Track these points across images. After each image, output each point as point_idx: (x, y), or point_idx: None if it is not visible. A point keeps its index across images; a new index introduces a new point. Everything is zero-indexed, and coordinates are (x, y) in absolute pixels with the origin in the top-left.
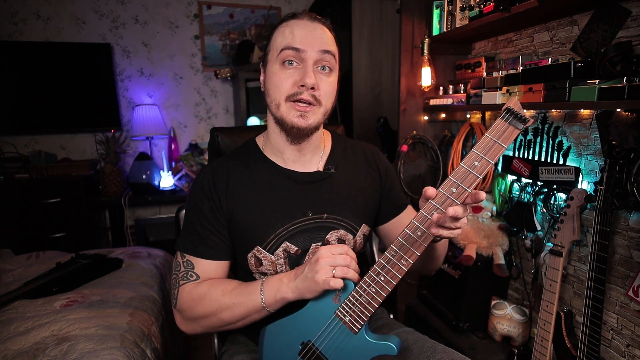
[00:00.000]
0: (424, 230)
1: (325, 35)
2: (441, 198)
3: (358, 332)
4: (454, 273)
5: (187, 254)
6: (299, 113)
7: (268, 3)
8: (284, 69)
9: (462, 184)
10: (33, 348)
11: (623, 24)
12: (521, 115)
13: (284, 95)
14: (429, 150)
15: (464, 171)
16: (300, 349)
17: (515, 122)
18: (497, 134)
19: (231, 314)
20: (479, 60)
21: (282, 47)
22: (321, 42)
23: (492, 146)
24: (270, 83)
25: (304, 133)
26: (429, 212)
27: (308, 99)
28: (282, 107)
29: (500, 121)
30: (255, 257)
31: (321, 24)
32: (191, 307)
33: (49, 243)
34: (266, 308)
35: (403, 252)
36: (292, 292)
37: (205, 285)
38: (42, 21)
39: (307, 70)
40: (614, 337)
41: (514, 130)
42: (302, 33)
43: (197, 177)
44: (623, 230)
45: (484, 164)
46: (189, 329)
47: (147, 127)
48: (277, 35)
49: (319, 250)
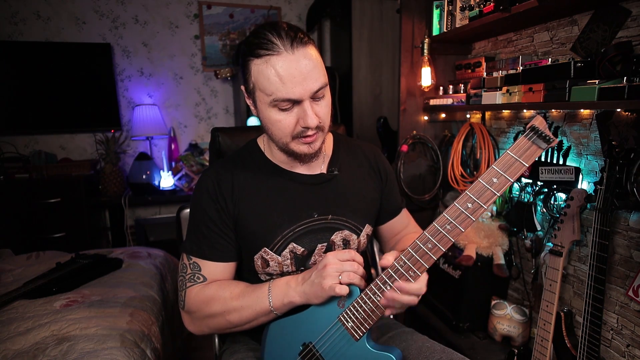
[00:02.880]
0: (435, 243)
1: (311, 64)
2: (455, 212)
3: (359, 339)
4: (454, 273)
5: (194, 256)
6: (307, 145)
7: (268, 3)
8: (282, 112)
9: (478, 200)
10: (33, 348)
11: (623, 24)
12: (546, 135)
13: (288, 135)
14: (429, 150)
15: (482, 187)
16: (301, 349)
17: (539, 142)
18: (519, 152)
19: (239, 316)
20: (479, 60)
21: (273, 97)
22: (314, 81)
23: (513, 164)
24: (270, 125)
25: (314, 156)
26: (441, 225)
27: (314, 133)
28: (291, 145)
29: (524, 139)
30: (262, 259)
31: (302, 46)
32: (200, 309)
33: (49, 243)
34: (274, 311)
35: (412, 263)
36: (299, 296)
37: (213, 288)
38: (42, 21)
39: (307, 113)
40: (614, 337)
41: (536, 150)
42: (290, 77)
43: (200, 180)
44: (623, 230)
45: (503, 181)
46: (197, 330)
47: (147, 127)
48: (260, 76)
49: (326, 256)
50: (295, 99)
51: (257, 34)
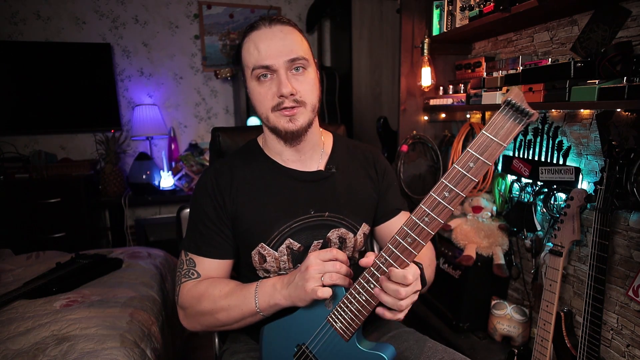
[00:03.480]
0: (414, 237)
1: (288, 38)
2: (433, 203)
3: (349, 339)
4: (454, 273)
5: (190, 252)
6: (287, 118)
7: (268, 3)
8: (261, 84)
9: (455, 188)
10: (33, 348)
11: (623, 24)
12: (523, 109)
13: (268, 108)
14: (429, 150)
15: (458, 173)
16: (295, 350)
17: (517, 117)
18: (494, 130)
19: (227, 315)
20: (479, 60)
21: (252, 66)
22: (286, 51)
23: (490, 145)
24: (254, 99)
25: (297, 135)
26: (419, 218)
27: (291, 105)
28: (271, 118)
29: (500, 115)
30: (259, 254)
31: (280, 24)
32: (191, 305)
33: (49, 243)
34: (260, 313)
35: (393, 259)
36: (284, 299)
37: (204, 285)
38: (42, 21)
39: (281, 80)
40: (614, 337)
41: (515, 126)
42: (265, 46)
43: (200, 179)
44: (623, 230)
45: (481, 165)
46: (190, 326)
47: (147, 127)
48: (244, 52)
49: (308, 257)
50: (268, 65)
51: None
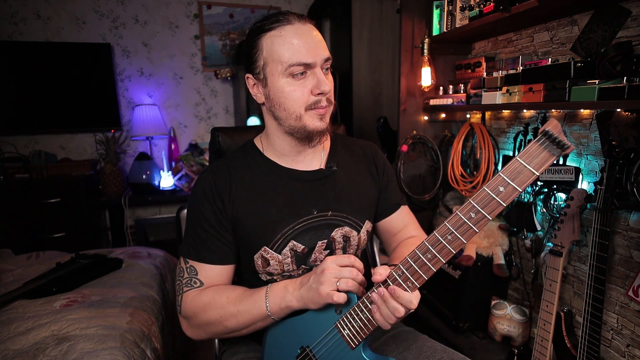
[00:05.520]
0: (434, 253)
1: (320, 37)
2: (458, 222)
3: (355, 348)
4: (454, 273)
5: (190, 259)
6: (320, 117)
7: (268, 3)
8: (296, 81)
9: (482, 210)
10: (33, 348)
11: (623, 24)
12: (560, 141)
13: (303, 106)
14: (429, 150)
15: (487, 196)
16: (298, 352)
17: (552, 148)
18: (528, 158)
19: (236, 322)
20: (479, 60)
21: (291, 63)
22: (323, 50)
23: (522, 172)
24: (284, 97)
25: (324, 133)
26: (442, 235)
27: (326, 104)
28: (304, 117)
29: (535, 144)
30: (262, 258)
31: (309, 22)
32: (196, 314)
33: (49, 243)
34: (271, 316)
35: (410, 273)
36: (297, 301)
37: (210, 293)
38: (42, 21)
39: (320, 78)
40: (614, 337)
41: (549, 157)
42: (304, 43)
43: (197, 181)
44: (623, 230)
45: (511, 190)
46: (195, 335)
47: (147, 127)
48: (275, 47)
49: (325, 260)
50: (310, 63)
51: (266, 17)
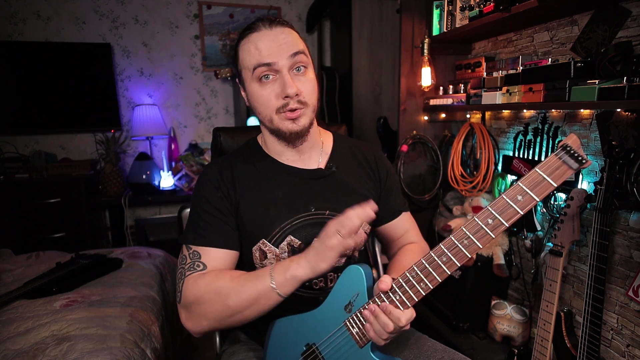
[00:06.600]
0: (450, 256)
1: (289, 37)
2: (474, 227)
3: (363, 346)
4: (454, 273)
5: (194, 244)
6: (291, 120)
7: (268, 3)
8: (263, 85)
9: (500, 217)
10: (33, 348)
11: (623, 24)
12: (578, 155)
13: (272, 110)
14: (429, 150)
15: (504, 203)
16: (304, 349)
17: (570, 161)
18: (547, 170)
19: (239, 299)
20: (479, 60)
21: (253, 65)
22: (287, 47)
23: (541, 183)
24: (256, 101)
25: (300, 135)
26: (459, 239)
27: (296, 107)
28: (275, 120)
29: (554, 157)
30: (260, 250)
31: (280, 25)
32: (197, 298)
33: (49, 243)
34: (276, 290)
35: (424, 275)
36: (302, 268)
37: (212, 274)
38: (42, 21)
39: (285, 81)
40: (614, 337)
41: (567, 170)
42: (266, 45)
43: (202, 173)
44: (623, 230)
45: (528, 200)
46: (195, 326)
47: (147, 127)
48: (243, 54)
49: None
50: (270, 62)
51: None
